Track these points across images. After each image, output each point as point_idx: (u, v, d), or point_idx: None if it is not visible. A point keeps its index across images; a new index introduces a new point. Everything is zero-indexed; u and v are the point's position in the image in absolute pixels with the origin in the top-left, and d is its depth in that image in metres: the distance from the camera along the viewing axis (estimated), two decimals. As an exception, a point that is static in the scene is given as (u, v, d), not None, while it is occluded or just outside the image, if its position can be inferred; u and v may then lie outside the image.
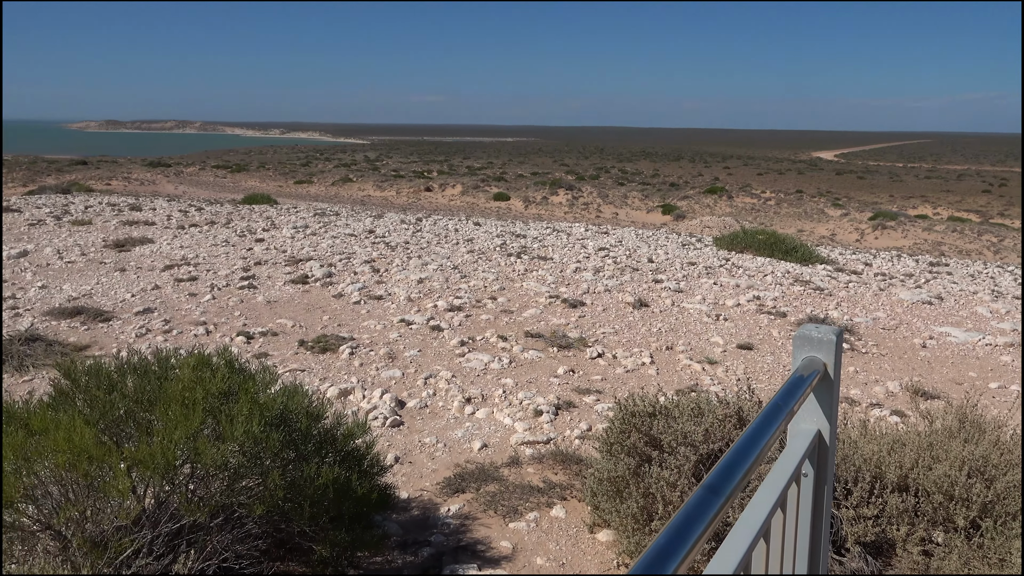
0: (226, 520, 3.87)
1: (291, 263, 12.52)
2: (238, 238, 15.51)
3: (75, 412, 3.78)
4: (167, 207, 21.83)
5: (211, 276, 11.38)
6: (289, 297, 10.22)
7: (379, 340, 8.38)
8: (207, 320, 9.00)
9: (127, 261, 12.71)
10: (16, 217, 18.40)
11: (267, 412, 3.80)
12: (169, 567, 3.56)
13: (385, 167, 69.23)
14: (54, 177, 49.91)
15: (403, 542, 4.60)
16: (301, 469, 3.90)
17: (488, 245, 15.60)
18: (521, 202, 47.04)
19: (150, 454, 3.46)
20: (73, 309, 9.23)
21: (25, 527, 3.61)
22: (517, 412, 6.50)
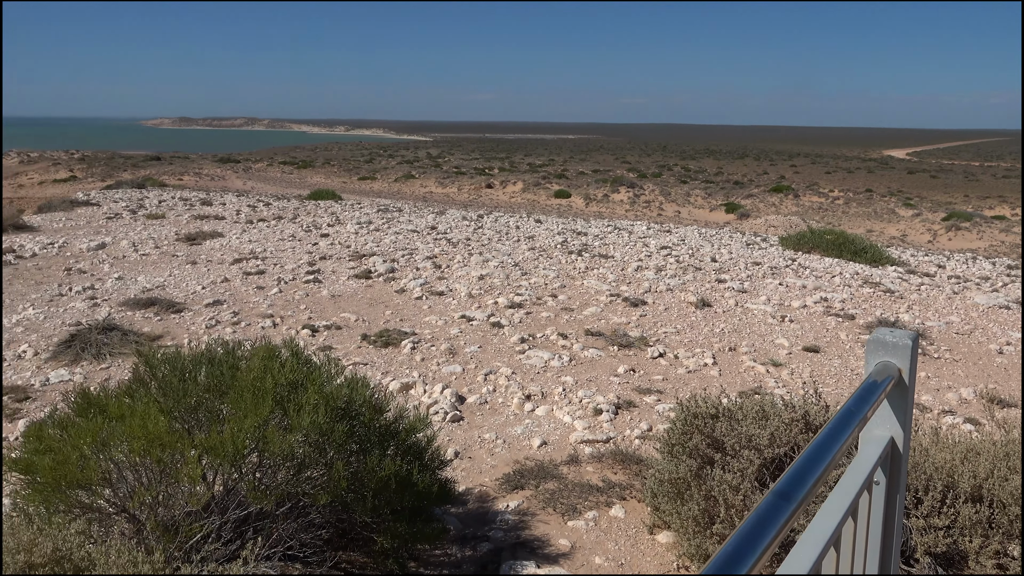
0: (291, 509, 3.95)
1: (355, 258, 12.73)
2: (304, 233, 15.83)
3: (150, 400, 3.91)
4: (236, 202, 22.41)
5: (278, 270, 11.64)
6: (352, 291, 10.39)
7: (440, 336, 8.45)
8: (274, 313, 9.22)
9: (198, 254, 13.09)
10: (95, 211, 19.13)
11: (332, 404, 3.87)
12: (236, 553, 3.65)
13: (447, 164, 69.79)
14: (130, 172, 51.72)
15: (462, 536, 4.64)
16: (364, 461, 3.96)
17: (549, 242, 15.60)
18: (582, 200, 46.89)
19: (220, 442, 3.56)
20: (147, 300, 9.56)
21: (102, 509, 3.75)
22: (577, 410, 6.49)
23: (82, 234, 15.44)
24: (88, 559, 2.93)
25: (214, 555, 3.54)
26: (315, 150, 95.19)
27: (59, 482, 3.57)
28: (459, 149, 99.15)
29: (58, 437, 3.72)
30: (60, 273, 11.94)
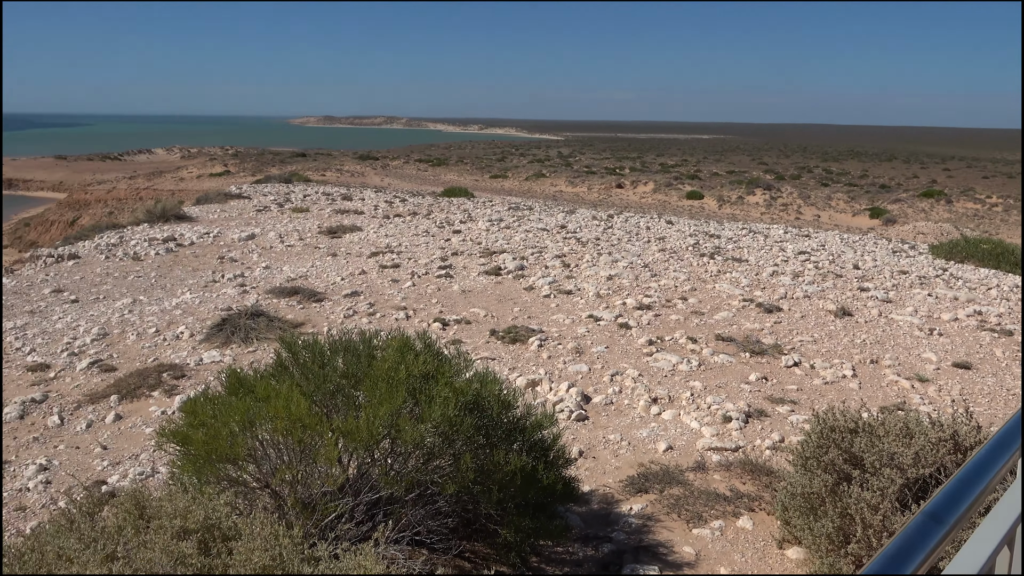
0: (419, 496, 4.06)
1: (485, 255, 12.95)
2: (437, 229, 16.24)
3: (293, 383, 4.11)
4: (374, 198, 23.26)
5: (412, 264, 12.00)
6: (482, 287, 10.58)
7: (567, 334, 8.47)
8: (407, 305, 9.51)
9: (338, 247, 13.69)
10: (246, 203, 20.34)
11: (462, 397, 3.95)
12: (368, 534, 3.79)
13: (577, 163, 69.77)
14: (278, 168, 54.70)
15: (584, 535, 4.64)
16: (490, 454, 4.02)
17: (680, 244, 15.32)
18: (715, 201, 45.76)
19: (356, 427, 3.71)
20: (291, 289, 10.08)
21: (246, 483, 3.98)
22: (705, 416, 6.35)
23: (234, 225, 16.46)
24: (234, 529, 3.12)
25: (347, 534, 3.68)
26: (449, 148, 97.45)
27: (210, 455, 3.82)
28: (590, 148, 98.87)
29: (211, 414, 3.97)
30: (214, 261, 12.78)
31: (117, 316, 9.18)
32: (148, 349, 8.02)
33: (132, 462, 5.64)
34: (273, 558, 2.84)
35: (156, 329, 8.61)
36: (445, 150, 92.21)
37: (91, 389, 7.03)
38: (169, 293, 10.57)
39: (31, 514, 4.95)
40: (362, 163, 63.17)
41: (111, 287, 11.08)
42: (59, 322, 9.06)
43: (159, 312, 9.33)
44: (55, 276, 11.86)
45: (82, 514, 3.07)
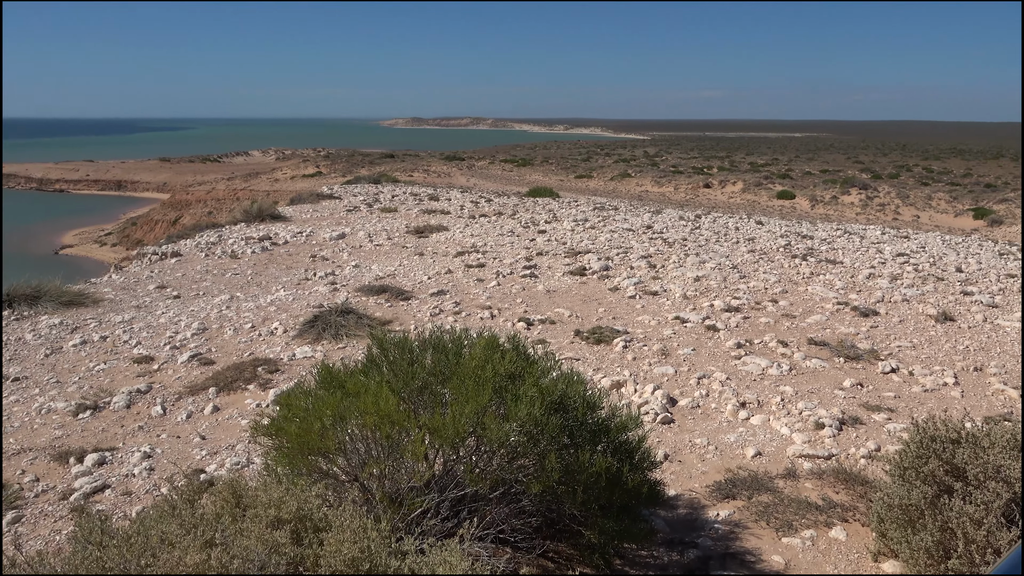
0: (503, 494, 4.08)
1: (570, 255, 12.92)
2: (522, 229, 16.30)
3: (382, 379, 4.20)
4: (460, 198, 23.52)
5: (497, 264, 12.08)
6: (567, 288, 10.56)
7: (653, 335, 8.37)
8: (492, 305, 9.58)
9: (425, 246, 13.90)
10: (337, 204, 20.88)
11: (548, 397, 3.95)
12: (453, 530, 3.83)
13: (664, 163, 68.85)
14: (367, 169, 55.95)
15: (669, 540, 4.57)
16: (575, 455, 4.01)
17: (771, 245, 14.93)
18: (807, 201, 44.40)
19: (443, 424, 3.75)
20: (380, 287, 10.30)
21: (336, 476, 4.07)
22: (796, 422, 6.17)
23: (325, 225, 16.92)
24: (325, 520, 3.20)
25: (432, 530, 3.73)
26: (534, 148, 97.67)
27: (302, 448, 3.93)
28: (677, 148, 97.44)
29: (304, 407, 4.09)
30: (306, 259, 13.17)
31: (216, 312, 9.56)
32: (244, 344, 8.33)
33: (228, 452, 5.86)
34: (362, 550, 2.90)
35: (252, 325, 8.93)
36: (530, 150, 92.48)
37: (191, 381, 7.34)
38: (264, 290, 10.95)
39: (136, 499, 5.20)
40: (448, 164, 63.99)
41: (210, 284, 11.55)
42: (162, 316, 9.50)
43: (254, 308, 9.67)
44: (159, 273, 12.45)
45: (183, 501, 3.21)
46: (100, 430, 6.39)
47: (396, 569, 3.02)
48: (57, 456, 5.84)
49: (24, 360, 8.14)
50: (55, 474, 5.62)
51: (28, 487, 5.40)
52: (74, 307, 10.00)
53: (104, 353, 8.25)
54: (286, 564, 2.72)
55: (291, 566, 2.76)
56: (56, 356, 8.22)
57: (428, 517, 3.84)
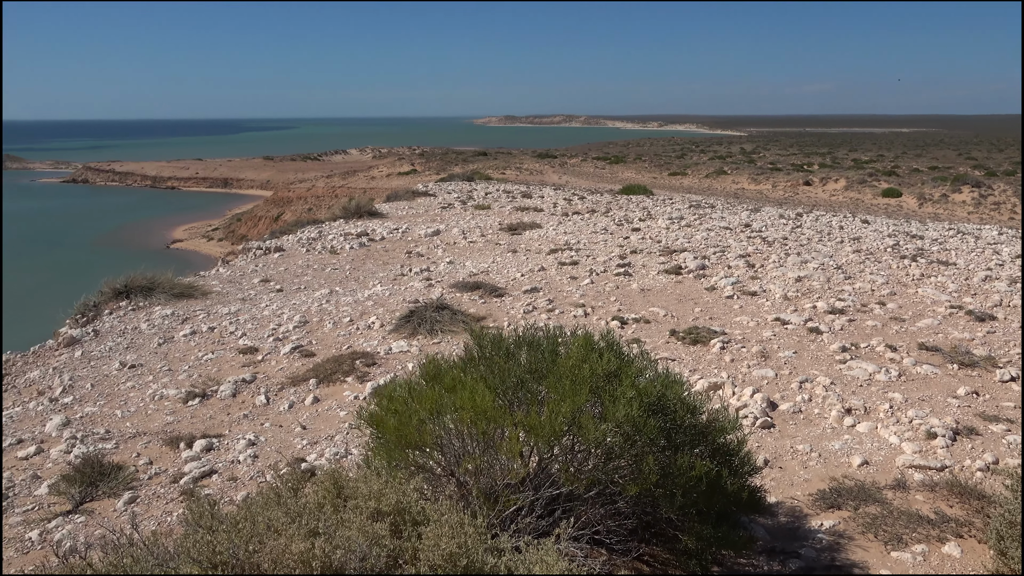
0: (598, 495, 4.03)
1: (665, 253, 12.71)
2: (616, 226, 16.15)
3: (479, 375, 4.21)
4: (553, 195, 23.49)
5: (590, 261, 12.00)
6: (662, 286, 10.39)
7: (751, 337, 8.13)
8: (585, 303, 9.51)
9: (518, 243, 13.93)
10: (432, 201, 21.19)
11: (646, 398, 3.88)
12: (548, 530, 3.80)
13: (761, 159, 67.00)
14: (460, 166, 56.61)
15: (770, 549, 4.42)
16: (673, 458, 3.92)
17: (877, 245, 14.31)
18: (914, 199, 42.38)
19: (540, 422, 3.73)
20: (473, 283, 10.38)
21: (432, 470, 4.11)
22: (905, 431, 5.87)
23: (420, 221, 17.19)
24: (423, 514, 3.23)
25: (527, 528, 3.71)
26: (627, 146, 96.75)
27: (400, 441, 3.98)
28: (775, 144, 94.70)
29: (403, 401, 4.14)
30: (402, 255, 13.41)
31: (316, 305, 9.84)
32: (343, 337, 8.53)
33: (328, 442, 6.01)
34: (459, 545, 2.91)
35: (350, 319, 9.14)
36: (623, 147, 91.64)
37: (293, 372, 7.57)
38: (362, 285, 11.20)
39: (240, 485, 5.39)
40: (540, 161, 64.05)
41: (311, 278, 11.90)
42: (266, 309, 9.84)
43: (353, 303, 9.91)
44: (263, 267, 12.91)
45: (288, 490, 3.29)
46: (208, 417, 6.67)
47: (493, 567, 3.02)
48: (169, 441, 6.12)
49: (139, 348, 8.58)
50: (167, 458, 5.89)
51: (142, 469, 5.67)
52: (184, 299, 10.48)
53: (212, 343, 8.60)
54: (386, 556, 2.75)
55: (391, 559, 2.79)
56: (168, 345, 8.62)
57: (522, 515, 3.82)
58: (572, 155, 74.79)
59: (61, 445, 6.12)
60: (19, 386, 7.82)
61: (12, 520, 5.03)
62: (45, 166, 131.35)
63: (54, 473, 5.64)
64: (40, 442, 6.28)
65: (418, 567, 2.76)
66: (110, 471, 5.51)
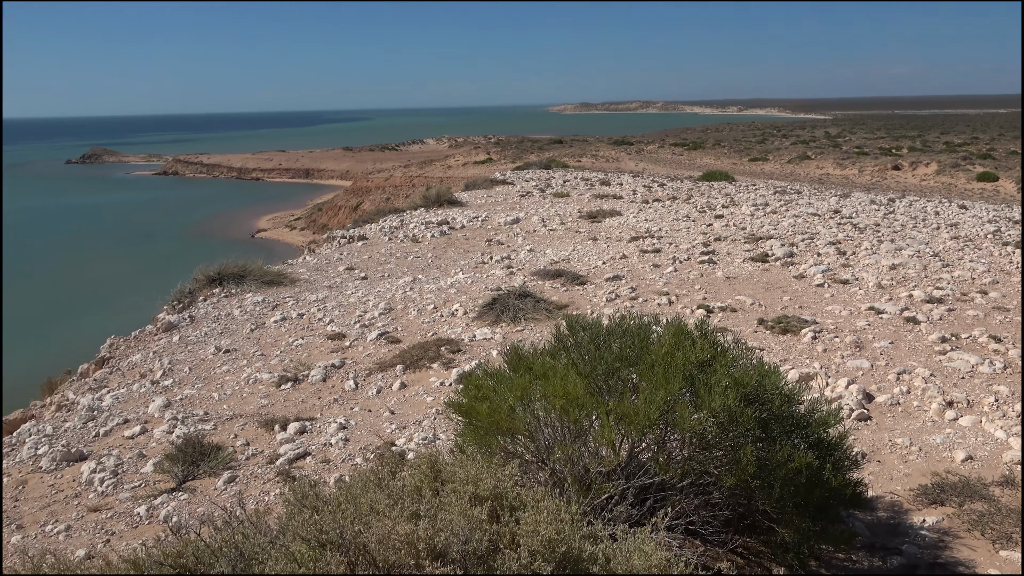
0: (691, 485, 3.97)
1: (750, 240, 12.42)
2: (698, 214, 15.87)
3: (570, 363, 4.19)
4: (632, 182, 23.24)
5: (673, 249, 11.82)
6: (748, 274, 10.16)
7: (844, 327, 7.88)
8: (669, 291, 9.38)
9: (598, 231, 13.84)
10: (510, 189, 21.23)
11: (742, 387, 3.80)
12: (640, 519, 3.77)
13: (847, 144, 64.74)
14: (536, 154, 56.53)
15: (870, 544, 4.29)
16: (771, 449, 3.83)
17: (977, 232, 13.66)
18: (1012, 184, 40.27)
19: (632, 411, 3.69)
20: (555, 271, 10.36)
21: (521, 456, 4.12)
22: (1013, 425, 5.60)
23: (499, 209, 17.24)
24: (519, 500, 3.24)
25: (620, 517, 3.69)
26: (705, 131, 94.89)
27: (492, 427, 4.00)
28: (862, 128, 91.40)
29: (492, 388, 4.16)
30: (482, 243, 13.48)
31: (400, 293, 9.99)
32: (427, 324, 8.64)
33: (416, 427, 6.10)
34: (558, 532, 2.91)
35: (434, 306, 9.25)
36: (701, 133, 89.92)
37: (380, 358, 7.71)
38: (444, 273, 11.32)
39: (333, 467, 5.53)
40: (616, 148, 63.43)
41: (394, 266, 12.09)
42: (352, 296, 10.04)
43: (436, 290, 10.02)
44: (347, 255, 13.17)
45: (387, 472, 3.35)
46: (300, 401, 6.85)
47: (590, 554, 3.01)
48: (264, 423, 6.32)
49: (233, 334, 8.87)
50: (262, 439, 6.08)
51: (240, 450, 5.87)
52: (274, 286, 10.78)
53: (301, 329, 8.83)
54: (487, 541, 2.77)
55: (491, 543, 2.81)
56: (260, 331, 8.89)
57: (615, 503, 3.80)
58: (649, 142, 73.80)
59: (163, 425, 6.39)
60: (123, 368, 8.19)
61: (121, 496, 5.28)
62: (138, 159, 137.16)
63: (157, 452, 5.90)
64: (144, 422, 6.57)
65: (518, 552, 2.76)
66: (210, 451, 5.72)
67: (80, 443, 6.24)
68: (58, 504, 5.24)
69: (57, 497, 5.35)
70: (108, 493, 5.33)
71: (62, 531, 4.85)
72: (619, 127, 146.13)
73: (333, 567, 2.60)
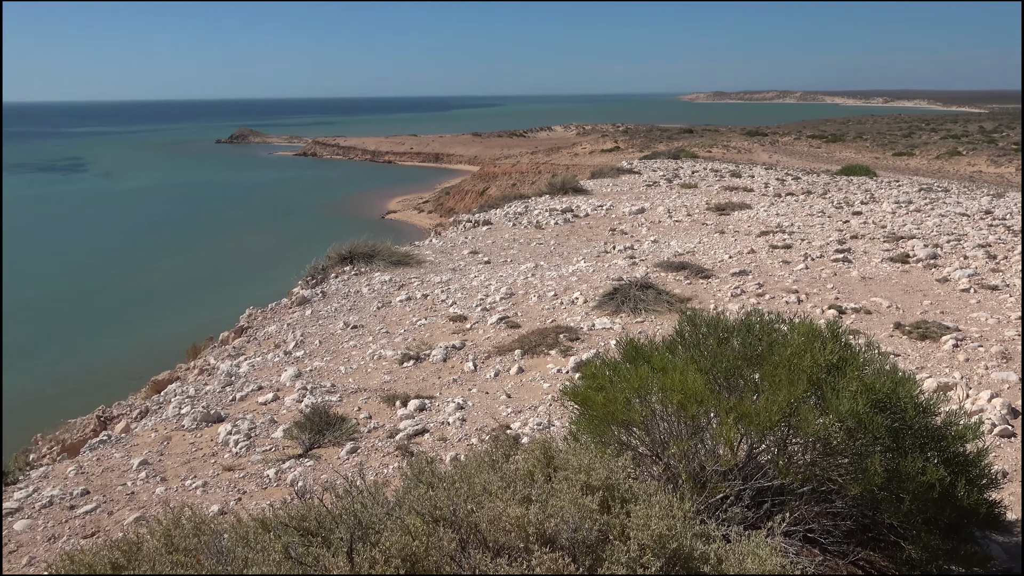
0: (813, 491, 3.83)
1: (890, 240, 11.77)
2: (834, 209, 15.18)
3: (689, 357, 4.12)
4: (764, 175, 22.48)
5: (805, 245, 11.37)
6: (886, 275, 9.64)
7: (991, 336, 7.36)
8: (799, 289, 9.04)
9: (726, 224, 13.47)
10: (636, 178, 20.98)
11: (873, 393, 3.62)
12: (757, 522, 3.67)
13: (1004, 140, 60.07)
14: (665, 144, 55.55)
15: (1007, 570, 4.01)
16: (900, 460, 3.64)
17: None
18: None
19: (754, 410, 3.59)
20: (679, 264, 10.17)
21: (636, 449, 4.08)
22: None
23: (625, 199, 17.08)
24: (631, 492, 3.22)
25: (735, 518, 3.60)
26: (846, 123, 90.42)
27: (607, 417, 3.99)
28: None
29: (609, 378, 4.14)
30: (606, 233, 13.40)
31: (521, 279, 10.08)
32: (547, 311, 8.68)
33: (531, 412, 6.16)
34: (669, 528, 2.87)
35: (554, 293, 9.29)
36: (841, 125, 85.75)
37: (499, 342, 7.82)
38: (566, 260, 11.33)
39: (449, 445, 5.66)
40: (749, 139, 61.43)
41: (516, 252, 12.20)
42: (474, 280, 10.22)
43: (557, 277, 10.05)
44: (472, 239, 13.40)
45: (501, 455, 3.40)
46: (421, 379, 7.05)
47: (702, 553, 2.96)
48: (386, 398, 6.54)
49: (361, 311, 9.22)
50: (383, 414, 6.30)
51: (362, 423, 6.11)
52: (401, 266, 11.12)
53: (425, 310, 9.07)
54: (597, 531, 2.77)
55: (600, 533, 2.81)
56: (385, 309, 9.20)
57: (730, 504, 3.71)
58: (784, 133, 71.08)
59: (293, 394, 6.73)
60: (259, 338, 8.67)
61: (253, 458, 5.61)
62: (280, 140, 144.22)
63: (287, 419, 6.22)
64: (276, 390, 6.94)
65: (628, 545, 2.75)
66: (335, 422, 5.99)
67: (218, 406, 6.66)
68: (197, 461, 5.62)
69: (196, 455, 5.74)
70: (241, 454, 5.67)
71: (199, 486, 5.20)
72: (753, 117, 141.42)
73: (445, 543, 2.67)
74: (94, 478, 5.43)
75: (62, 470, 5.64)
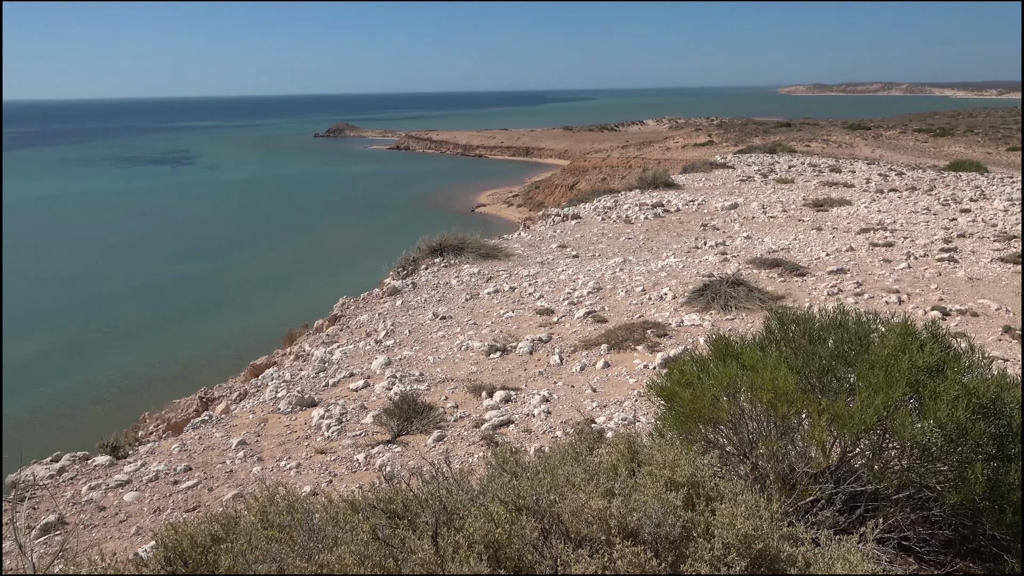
0: (909, 498, 3.70)
1: (1001, 239, 11.17)
2: (940, 207, 14.49)
3: (781, 356, 4.02)
4: (866, 170, 21.64)
5: (908, 244, 10.91)
6: (995, 276, 9.15)
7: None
8: (900, 288, 8.68)
9: (823, 220, 13.05)
10: (730, 173, 20.54)
11: (975, 398, 3.47)
12: (848, 527, 3.57)
13: None
14: (760, 138, 54.13)
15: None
16: (1004, 469, 3.48)
17: None
18: None
19: (848, 412, 3.49)
20: (772, 261, 9.91)
21: (722, 447, 4.02)
22: None
23: (717, 194, 16.74)
24: (716, 491, 3.18)
25: (826, 522, 3.51)
26: (956, 116, 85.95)
27: (693, 414, 3.94)
28: None
29: (697, 374, 4.09)
30: (697, 228, 13.18)
31: (609, 273, 10.03)
32: (634, 306, 8.62)
33: (616, 407, 6.14)
34: (755, 528, 2.83)
35: (642, 288, 9.20)
36: (951, 118, 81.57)
37: (585, 336, 7.81)
38: (655, 255, 11.21)
39: (534, 437, 5.70)
40: (851, 133, 59.17)
41: (605, 246, 12.14)
42: (562, 274, 10.23)
43: (645, 273, 9.95)
44: (560, 233, 13.41)
45: (585, 448, 3.42)
46: (507, 371, 7.12)
47: (789, 555, 2.90)
48: (472, 389, 6.64)
49: (449, 302, 9.36)
50: (470, 404, 6.40)
51: (449, 412, 6.21)
52: (489, 259, 11.23)
53: (512, 302, 9.14)
54: (680, 527, 2.75)
55: (684, 530, 2.79)
56: (473, 301, 9.31)
57: (820, 507, 3.62)
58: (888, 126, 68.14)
59: (383, 382, 6.90)
60: (351, 327, 8.92)
61: (344, 442, 5.79)
62: (375, 134, 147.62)
63: (377, 406, 6.38)
64: (367, 377, 7.13)
65: (712, 543, 2.72)
66: (422, 410, 6.11)
67: (312, 391, 6.90)
68: (291, 443, 5.84)
69: (291, 437, 5.96)
70: (333, 438, 5.86)
71: (293, 467, 5.40)
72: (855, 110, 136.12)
73: (527, 531, 2.70)
74: (196, 455, 5.71)
75: (167, 447, 5.96)
